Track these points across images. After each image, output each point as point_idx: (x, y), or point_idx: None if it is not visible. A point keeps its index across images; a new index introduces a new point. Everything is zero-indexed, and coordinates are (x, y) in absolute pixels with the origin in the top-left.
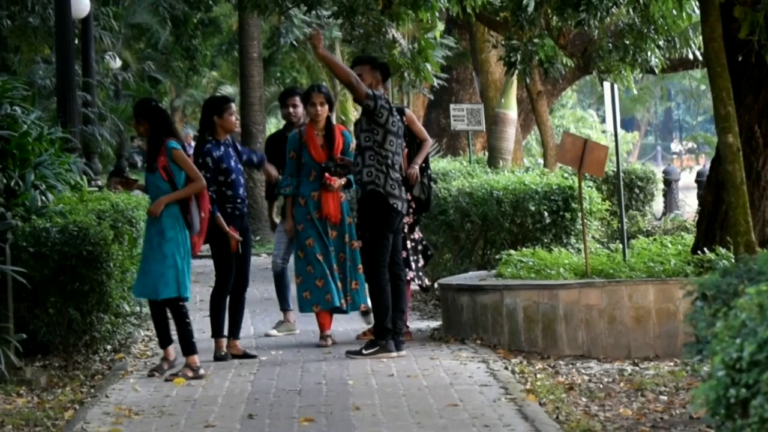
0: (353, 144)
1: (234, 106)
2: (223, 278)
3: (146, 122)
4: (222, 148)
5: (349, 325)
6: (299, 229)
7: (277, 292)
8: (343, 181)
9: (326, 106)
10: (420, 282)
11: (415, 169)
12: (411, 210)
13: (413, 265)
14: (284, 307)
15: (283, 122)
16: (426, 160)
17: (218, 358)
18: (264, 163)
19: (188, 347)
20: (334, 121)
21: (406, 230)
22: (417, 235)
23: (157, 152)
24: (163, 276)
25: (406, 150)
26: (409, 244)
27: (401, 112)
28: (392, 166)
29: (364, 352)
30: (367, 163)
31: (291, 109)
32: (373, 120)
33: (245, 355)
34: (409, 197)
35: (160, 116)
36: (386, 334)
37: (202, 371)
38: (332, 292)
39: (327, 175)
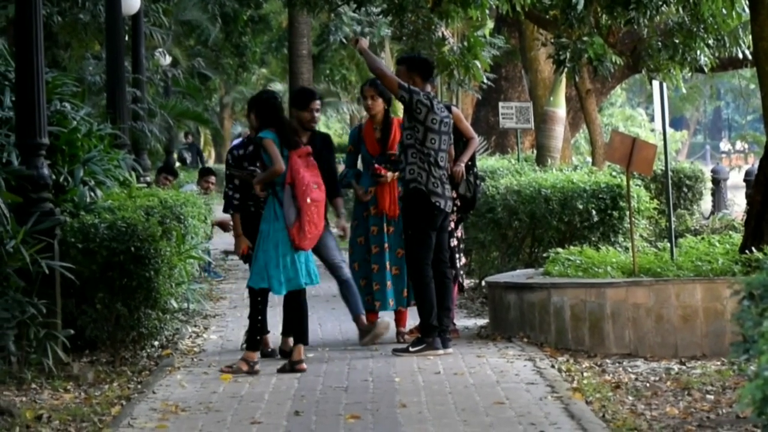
0: None
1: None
2: None
3: (254, 114)
4: (251, 148)
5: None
6: (354, 225)
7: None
8: (396, 174)
9: (379, 100)
10: (459, 281)
11: (461, 167)
12: (456, 208)
13: (457, 264)
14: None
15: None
16: (473, 159)
17: (264, 354)
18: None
19: (249, 342)
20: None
21: (450, 228)
22: (460, 233)
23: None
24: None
25: (452, 148)
26: (453, 242)
27: (447, 109)
28: (435, 163)
29: (410, 349)
30: (410, 160)
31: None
32: (413, 117)
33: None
34: (455, 195)
35: (263, 108)
36: (432, 332)
37: (257, 367)
38: (375, 294)
39: (376, 165)
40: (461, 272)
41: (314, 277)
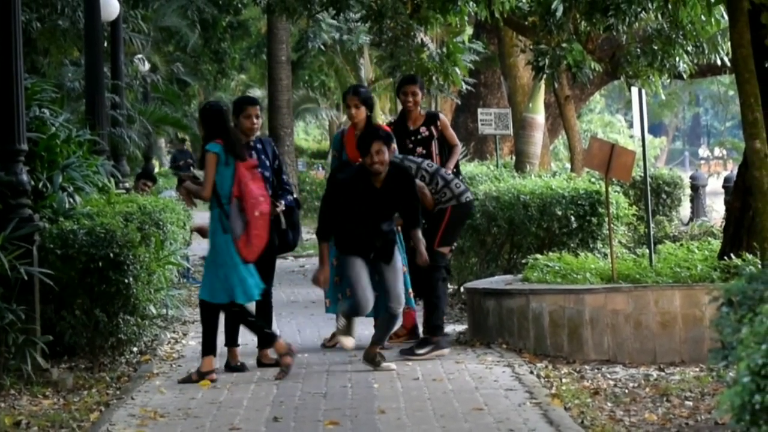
0: (394, 145)
1: (251, 109)
2: None
3: (201, 124)
4: None
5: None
6: None
7: None
8: None
9: (362, 108)
10: None
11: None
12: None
13: None
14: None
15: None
16: (457, 165)
17: (233, 368)
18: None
19: (263, 339)
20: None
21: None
22: None
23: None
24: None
25: (438, 155)
26: None
27: (435, 116)
28: (441, 174)
29: (417, 352)
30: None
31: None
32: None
33: (278, 363)
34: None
35: (208, 119)
36: (439, 333)
37: (214, 376)
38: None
39: None
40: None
41: (260, 287)
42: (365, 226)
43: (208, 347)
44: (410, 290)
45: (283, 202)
